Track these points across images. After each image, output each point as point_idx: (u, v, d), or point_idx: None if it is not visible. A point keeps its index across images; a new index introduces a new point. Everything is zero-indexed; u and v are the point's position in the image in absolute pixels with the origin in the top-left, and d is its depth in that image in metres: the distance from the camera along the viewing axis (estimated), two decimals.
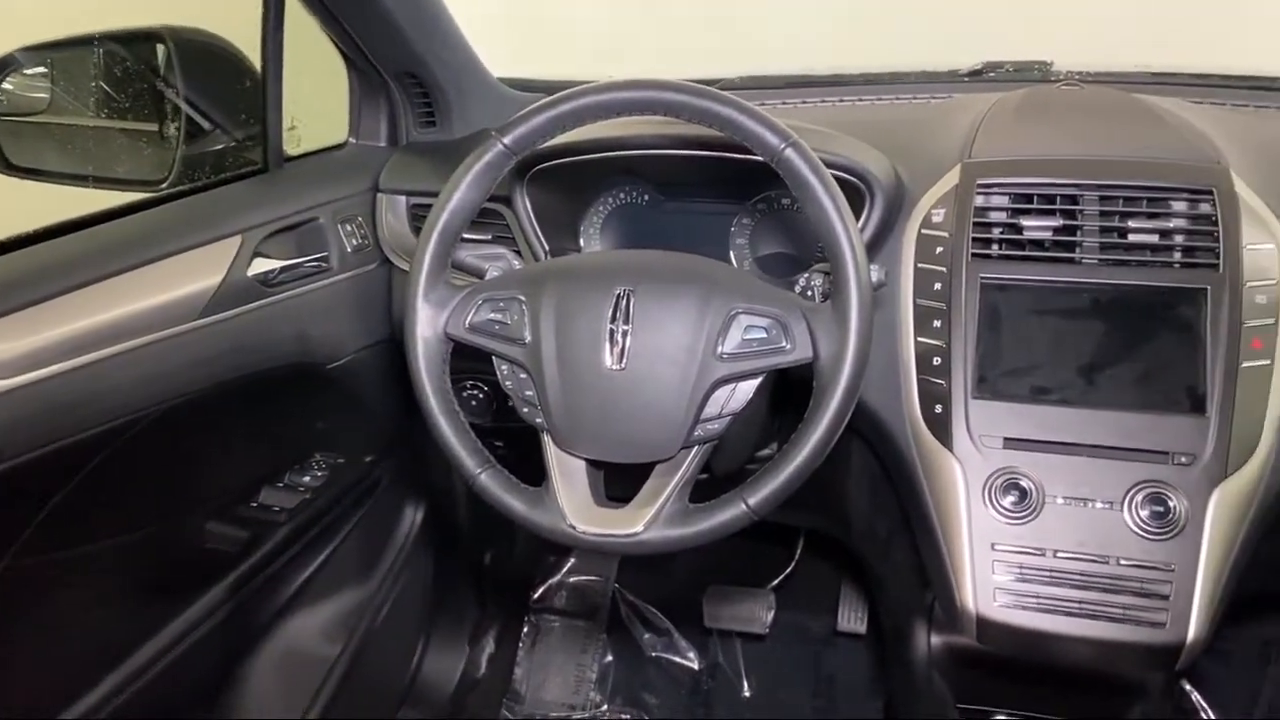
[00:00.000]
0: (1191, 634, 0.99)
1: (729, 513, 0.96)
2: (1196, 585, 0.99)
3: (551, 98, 1.03)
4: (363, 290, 1.44)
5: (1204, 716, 1.79)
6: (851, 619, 1.87)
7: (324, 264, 1.39)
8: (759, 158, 0.98)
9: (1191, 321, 1.04)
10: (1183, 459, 1.02)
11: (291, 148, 1.47)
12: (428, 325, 1.03)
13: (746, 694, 1.96)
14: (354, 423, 1.60)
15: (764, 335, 0.97)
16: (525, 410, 1.03)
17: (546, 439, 1.02)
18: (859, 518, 1.42)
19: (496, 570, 1.99)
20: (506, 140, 1.02)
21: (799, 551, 1.97)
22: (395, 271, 1.47)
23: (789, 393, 1.12)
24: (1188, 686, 1.81)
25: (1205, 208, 1.07)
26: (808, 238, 1.30)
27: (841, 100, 1.64)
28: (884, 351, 1.14)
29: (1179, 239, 1.08)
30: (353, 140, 1.55)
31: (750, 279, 1.04)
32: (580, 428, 1.00)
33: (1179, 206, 1.09)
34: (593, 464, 1.02)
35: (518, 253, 1.33)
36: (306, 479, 1.51)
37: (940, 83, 1.66)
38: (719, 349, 0.96)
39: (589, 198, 1.40)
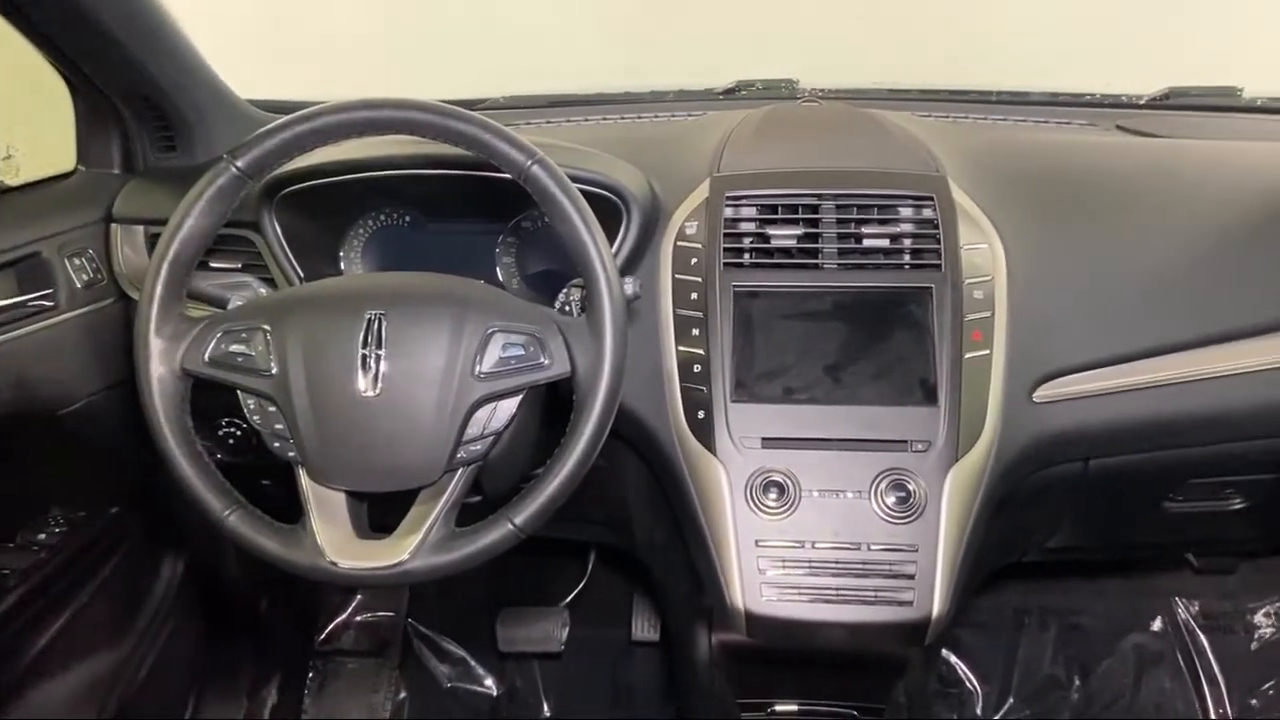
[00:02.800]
0: (936, 609, 1.06)
1: (496, 534, 0.95)
2: (938, 563, 1.06)
3: (287, 118, 0.99)
4: (96, 329, 1.33)
5: (968, 685, 1.93)
6: (645, 628, 1.89)
7: (49, 302, 1.27)
8: (509, 176, 0.98)
9: (920, 318, 1.12)
10: (919, 446, 1.09)
11: (9, 178, 1.35)
12: (161, 361, 0.97)
13: (546, 714, 1.95)
14: (94, 472, 1.47)
15: (522, 352, 0.97)
16: (276, 445, 0.98)
17: (301, 473, 0.98)
18: (640, 527, 1.44)
19: (275, 615, 1.88)
20: (239, 163, 0.98)
21: (590, 566, 1.98)
22: (134, 307, 1.36)
23: (562, 408, 1.12)
24: (954, 659, 1.95)
25: (928, 213, 1.16)
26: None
27: (604, 119, 1.67)
28: (648, 361, 1.16)
29: (907, 242, 1.16)
30: (82, 168, 1.43)
31: (506, 297, 1.04)
32: (336, 459, 0.96)
33: (906, 212, 1.17)
34: (353, 495, 0.99)
35: (270, 280, 1.27)
36: (41, 536, 1.38)
37: (697, 101, 1.73)
38: (477, 368, 0.96)
39: (347, 221, 1.36)
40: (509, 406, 0.97)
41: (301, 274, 1.27)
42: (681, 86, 1.78)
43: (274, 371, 0.96)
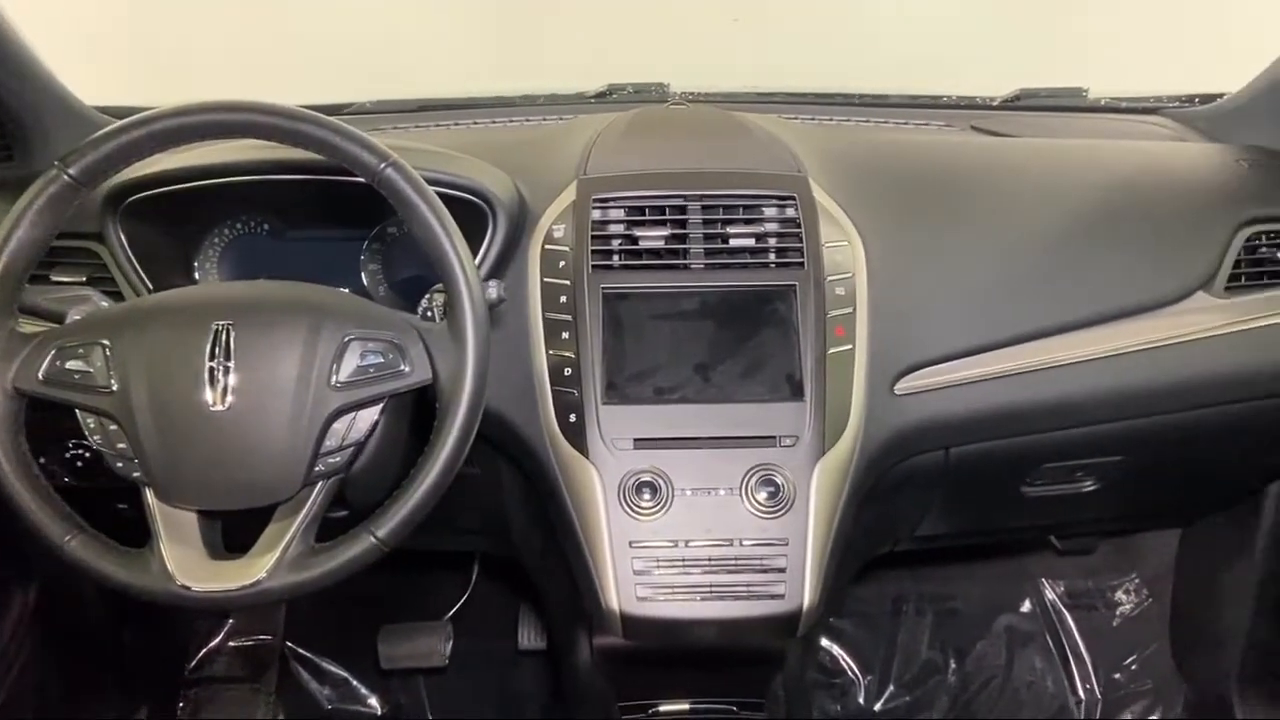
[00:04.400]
0: (807, 600, 1.07)
1: (357, 548, 0.92)
2: (807, 555, 1.08)
3: (123, 122, 0.94)
4: None
5: (850, 674, 1.98)
6: (531, 637, 1.87)
7: None
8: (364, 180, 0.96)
9: (786, 316, 1.14)
10: (787, 441, 1.10)
11: None
12: None
13: None
14: None
15: (381, 360, 0.94)
16: (119, 465, 0.93)
17: (148, 493, 0.94)
18: (519, 534, 1.43)
19: (141, 644, 1.79)
20: (72, 170, 0.93)
21: (474, 577, 1.95)
22: None
23: (431, 416, 1.10)
24: (836, 649, 1.99)
25: (790, 212, 1.18)
26: None
27: (474, 123, 1.65)
28: (518, 366, 1.15)
29: (772, 241, 1.17)
30: None
31: (364, 303, 1.01)
32: (185, 477, 0.92)
33: (769, 212, 1.19)
34: (205, 515, 0.95)
35: (117, 294, 1.21)
36: None
37: (568, 105, 1.73)
38: (333, 378, 0.93)
39: (200, 230, 1.31)
40: (369, 416, 0.95)
41: (151, 287, 1.21)
42: (553, 90, 1.78)
43: (114, 388, 0.91)
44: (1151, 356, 1.23)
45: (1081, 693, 1.95)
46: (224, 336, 0.92)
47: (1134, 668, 1.96)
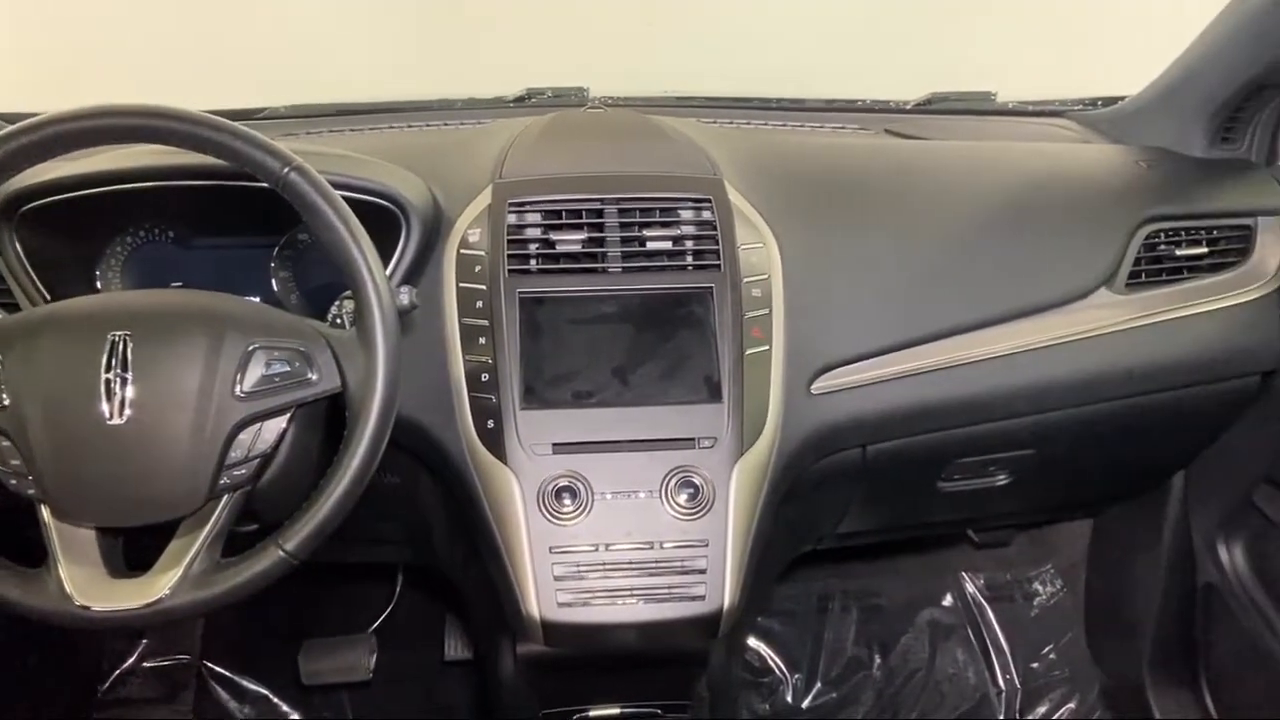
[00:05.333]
0: (728, 600, 1.08)
1: (265, 562, 0.90)
2: (727, 555, 1.08)
3: (14, 127, 0.91)
4: None
5: (777, 673, 1.99)
6: (458, 648, 1.85)
7: None
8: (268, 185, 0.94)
9: (703, 318, 1.14)
10: (706, 443, 1.11)
11: None
12: None
13: None
14: None
15: (287, 369, 0.92)
16: (13, 483, 0.90)
17: (44, 511, 0.90)
18: (442, 543, 1.41)
19: (49, 668, 1.72)
20: None
21: (399, 588, 1.92)
22: None
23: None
24: (763, 649, 2.00)
25: (707, 215, 1.18)
26: None
27: (390, 127, 1.63)
28: (434, 372, 1.14)
29: (689, 244, 1.18)
30: None
31: (269, 311, 0.99)
32: (83, 493, 0.89)
33: (686, 215, 1.19)
34: (105, 532, 0.92)
35: (13, 304, 1.16)
36: None
37: (486, 109, 1.72)
38: (237, 388, 0.91)
39: (102, 239, 1.26)
40: (276, 427, 0.93)
41: (49, 298, 1.17)
42: (471, 95, 1.76)
43: (5, 403, 0.88)
44: (1057, 352, 1.26)
45: (1001, 683, 1.99)
46: (121, 347, 0.89)
47: (1051, 657, 2.01)
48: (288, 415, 0.93)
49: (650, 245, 1.18)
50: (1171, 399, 1.36)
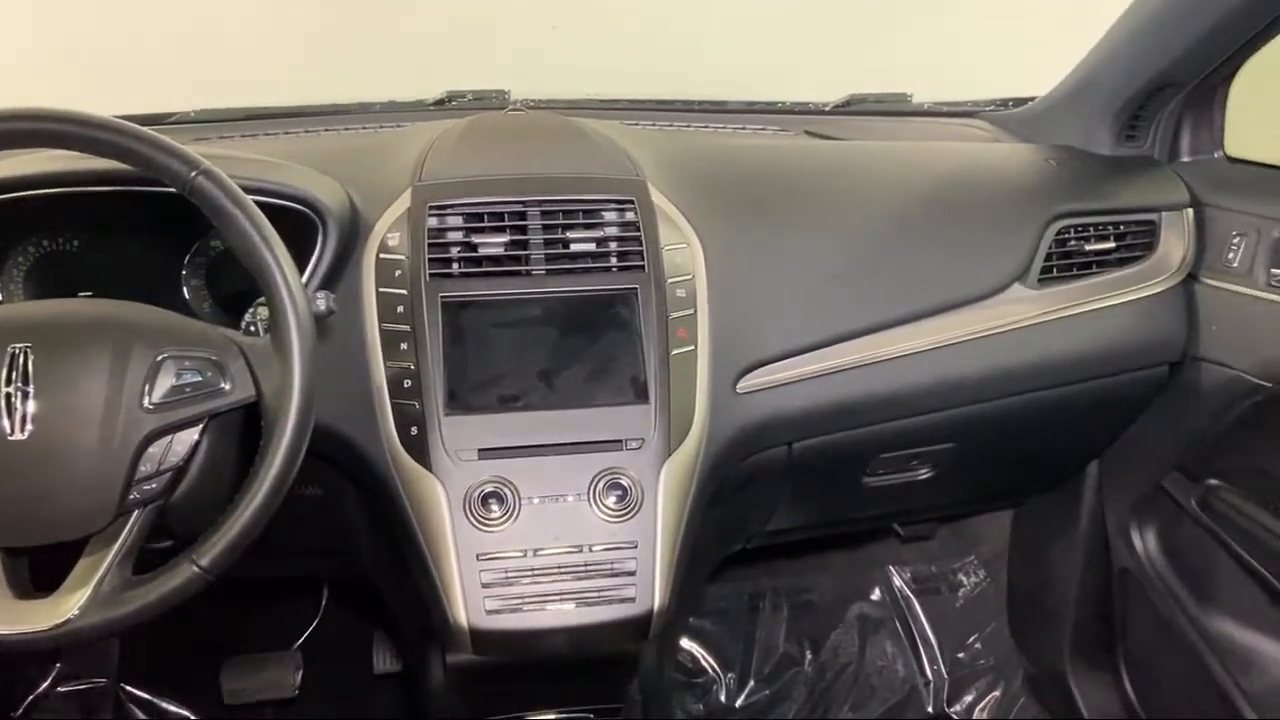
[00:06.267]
0: (658, 601, 1.08)
1: (178, 578, 0.87)
2: (656, 556, 1.08)
3: None
4: None
5: (710, 673, 2.00)
6: (386, 660, 1.81)
7: None
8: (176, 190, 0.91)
9: (628, 319, 1.14)
10: (634, 444, 1.11)
11: None
12: None
13: None
14: None
15: (199, 379, 0.89)
16: None
17: None
18: (368, 554, 1.38)
19: None
20: None
21: (324, 602, 1.88)
22: None
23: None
24: (696, 649, 2.01)
25: (630, 216, 1.18)
26: None
27: (306, 131, 1.60)
28: (355, 380, 1.12)
29: (613, 245, 1.17)
30: None
31: (179, 320, 0.96)
32: None
33: (609, 216, 1.19)
34: (8, 552, 0.88)
35: None
36: None
37: (406, 112, 1.69)
38: (146, 400, 0.88)
39: (1, 249, 1.21)
40: (188, 439, 0.90)
41: None
42: (390, 98, 1.74)
43: None
44: (973, 347, 1.29)
45: (929, 674, 2.03)
46: (21, 360, 0.85)
47: (976, 646, 2.05)
48: (200, 427, 0.90)
49: (574, 247, 1.17)
50: (1084, 390, 1.40)
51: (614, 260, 1.17)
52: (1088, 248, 1.38)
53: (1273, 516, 1.35)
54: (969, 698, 2.01)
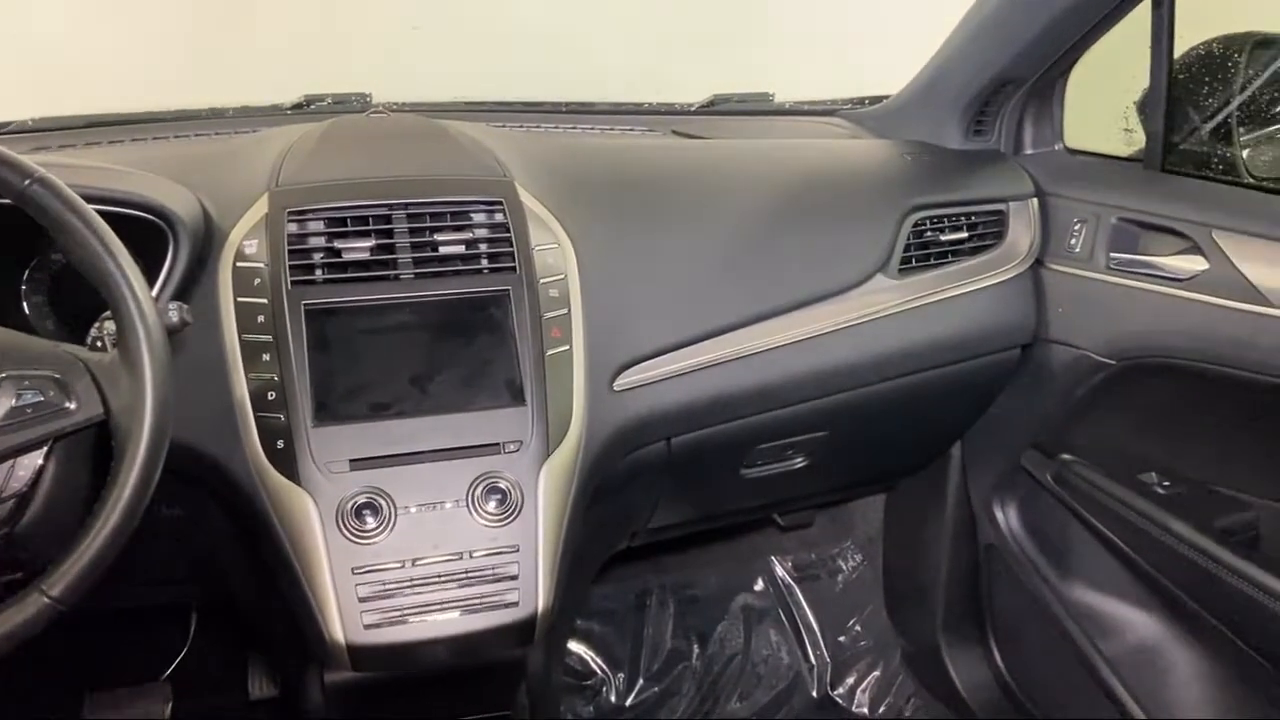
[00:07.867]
0: (541, 604, 1.07)
1: (27, 611, 0.81)
2: (539, 560, 1.07)
3: None
4: None
5: (599, 674, 2.00)
6: (262, 685, 1.74)
7: None
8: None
9: (501, 321, 1.13)
10: (512, 447, 1.09)
11: None
12: None
13: None
14: None
15: (41, 399, 0.83)
16: None
17: None
18: (236, 577, 1.33)
19: None
20: None
21: (193, 629, 1.79)
22: None
23: None
24: (585, 652, 2.00)
25: (499, 217, 1.17)
26: None
27: (155, 138, 1.52)
28: (214, 394, 1.07)
29: (483, 247, 1.16)
30: None
31: (19, 337, 0.90)
32: None
33: (478, 218, 1.17)
34: None
35: None
36: None
37: (262, 117, 1.63)
38: None
39: None
40: (31, 463, 0.84)
41: None
42: (245, 103, 1.67)
43: None
44: (841, 337, 1.33)
45: (813, 659, 2.08)
46: None
47: (856, 629, 2.11)
48: (45, 450, 0.84)
49: (443, 250, 1.15)
50: (944, 374, 1.46)
51: (485, 262, 1.16)
52: (943, 238, 1.44)
53: (1122, 487, 1.44)
54: (850, 680, 2.06)
